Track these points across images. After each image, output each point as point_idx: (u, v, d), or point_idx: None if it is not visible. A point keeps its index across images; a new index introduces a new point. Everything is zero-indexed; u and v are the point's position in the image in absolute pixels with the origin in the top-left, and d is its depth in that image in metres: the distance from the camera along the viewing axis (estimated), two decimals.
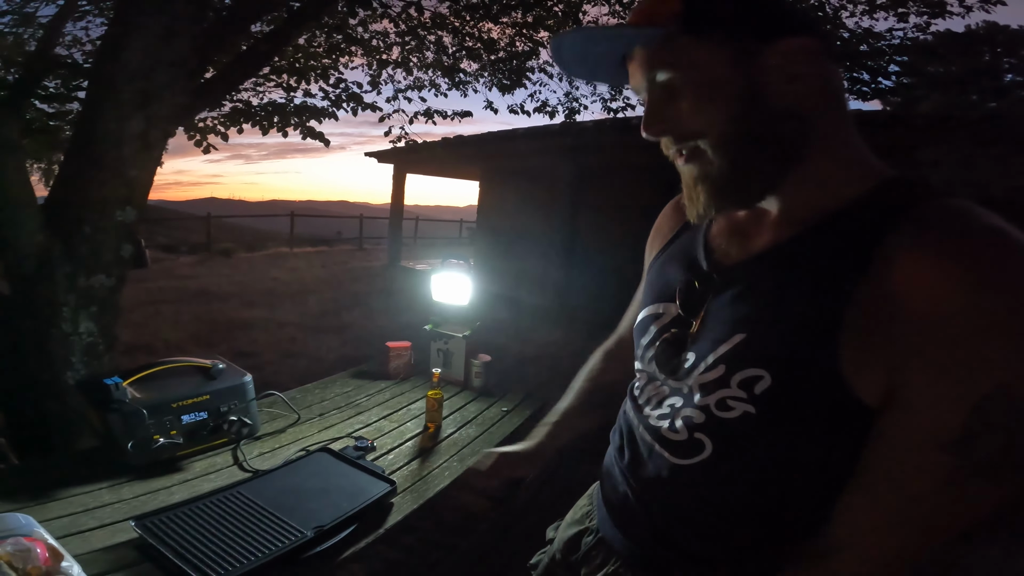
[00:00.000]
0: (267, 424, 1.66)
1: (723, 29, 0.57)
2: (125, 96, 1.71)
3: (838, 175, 0.59)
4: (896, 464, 0.53)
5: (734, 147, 0.59)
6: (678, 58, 0.58)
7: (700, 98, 0.58)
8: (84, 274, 1.80)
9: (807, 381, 0.55)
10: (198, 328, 5.60)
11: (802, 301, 0.57)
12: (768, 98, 0.57)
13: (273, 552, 1.03)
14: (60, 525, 1.08)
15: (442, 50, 4.78)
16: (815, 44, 0.56)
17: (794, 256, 0.60)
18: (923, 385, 0.50)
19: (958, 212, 0.51)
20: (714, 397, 0.61)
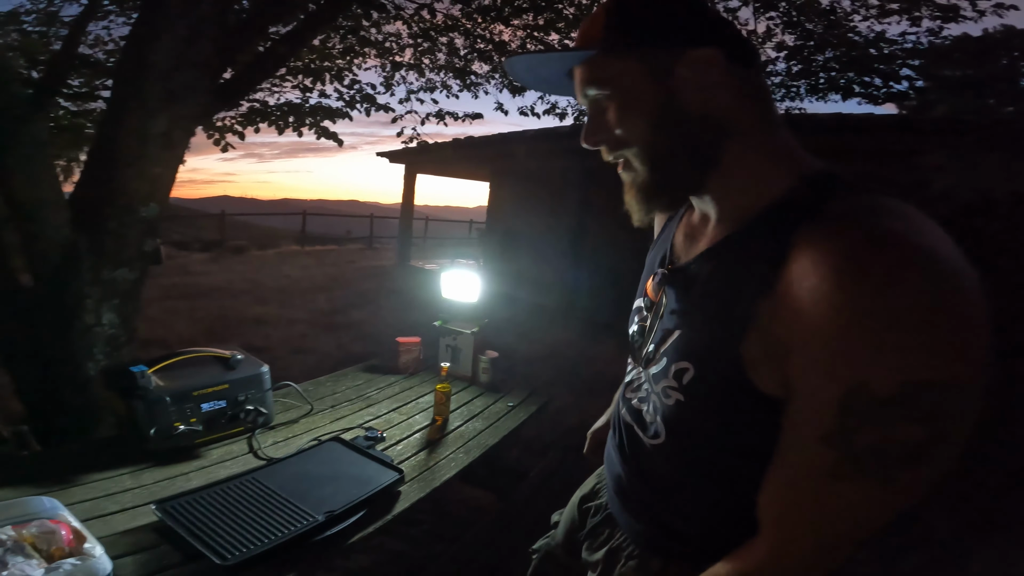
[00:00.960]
0: (281, 414, 1.71)
1: (637, 48, 0.62)
2: (150, 95, 1.77)
3: (763, 174, 0.62)
4: (790, 456, 0.56)
5: (654, 156, 0.64)
6: (604, 76, 0.64)
7: (624, 111, 0.64)
8: (108, 267, 1.87)
9: (718, 373, 0.60)
10: (211, 324, 5.69)
11: (724, 298, 0.61)
12: (682, 107, 0.62)
13: (286, 535, 1.07)
14: (83, 509, 1.12)
15: (454, 52, 4.83)
16: (719, 54, 0.60)
17: (722, 255, 0.64)
18: (802, 379, 0.53)
19: (857, 212, 0.53)
20: (660, 386, 0.68)
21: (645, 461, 0.75)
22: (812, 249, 0.52)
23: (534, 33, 4.62)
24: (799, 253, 0.53)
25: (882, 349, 0.48)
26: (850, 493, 0.52)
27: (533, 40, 4.72)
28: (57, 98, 3.72)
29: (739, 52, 0.62)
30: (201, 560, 1.00)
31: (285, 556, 1.06)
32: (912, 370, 0.47)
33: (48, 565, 0.90)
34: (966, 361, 0.47)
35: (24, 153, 1.72)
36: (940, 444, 0.49)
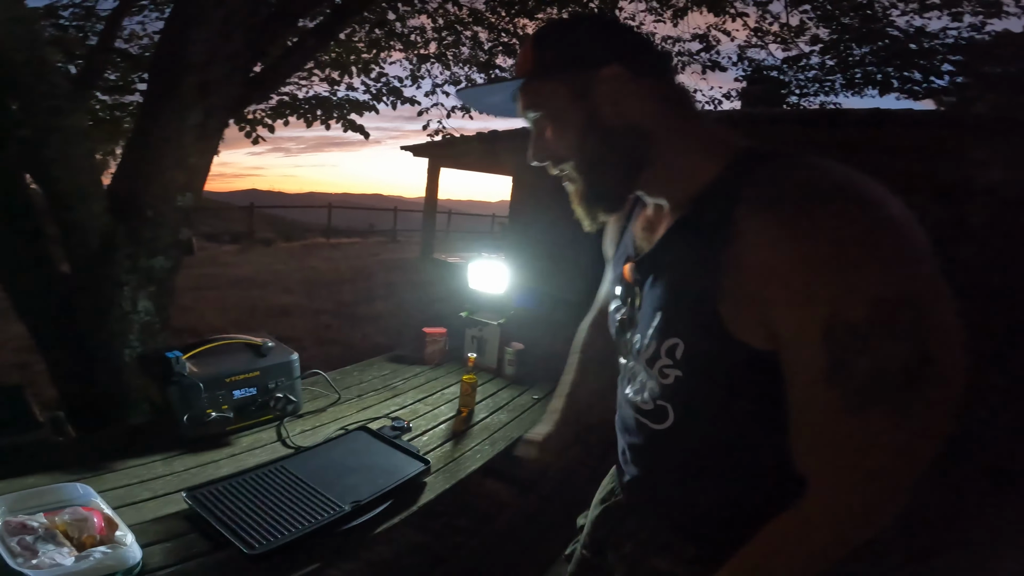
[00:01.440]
0: (309, 403, 1.73)
1: (559, 73, 0.71)
2: (185, 88, 1.80)
3: (696, 161, 0.69)
4: (803, 404, 0.59)
5: (586, 166, 0.73)
6: (536, 100, 0.74)
7: (556, 129, 0.73)
8: (144, 256, 1.91)
9: (707, 339, 0.64)
10: (240, 313, 5.82)
11: (691, 270, 0.66)
12: (604, 120, 0.70)
13: (313, 524, 1.08)
14: (115, 495, 1.14)
15: (478, 46, 4.82)
16: (623, 71, 0.68)
17: (679, 234, 0.70)
18: (783, 327, 0.57)
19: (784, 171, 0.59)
20: (655, 368, 0.71)
21: (660, 450, 0.77)
22: (756, 207, 0.58)
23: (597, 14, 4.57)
24: (745, 213, 0.59)
25: (842, 279, 0.52)
26: (870, 425, 0.54)
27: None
28: (94, 91, 3.82)
29: (646, 65, 0.70)
30: (229, 548, 1.01)
31: (311, 546, 1.06)
32: (874, 290, 0.52)
33: (79, 553, 0.91)
34: (917, 275, 0.53)
35: (63, 144, 1.77)
36: (930, 361, 0.52)
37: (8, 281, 2.02)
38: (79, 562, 0.88)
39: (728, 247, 0.60)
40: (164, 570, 0.96)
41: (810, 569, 0.61)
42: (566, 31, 0.74)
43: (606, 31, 0.73)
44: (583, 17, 0.78)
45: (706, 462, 0.72)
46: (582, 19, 0.77)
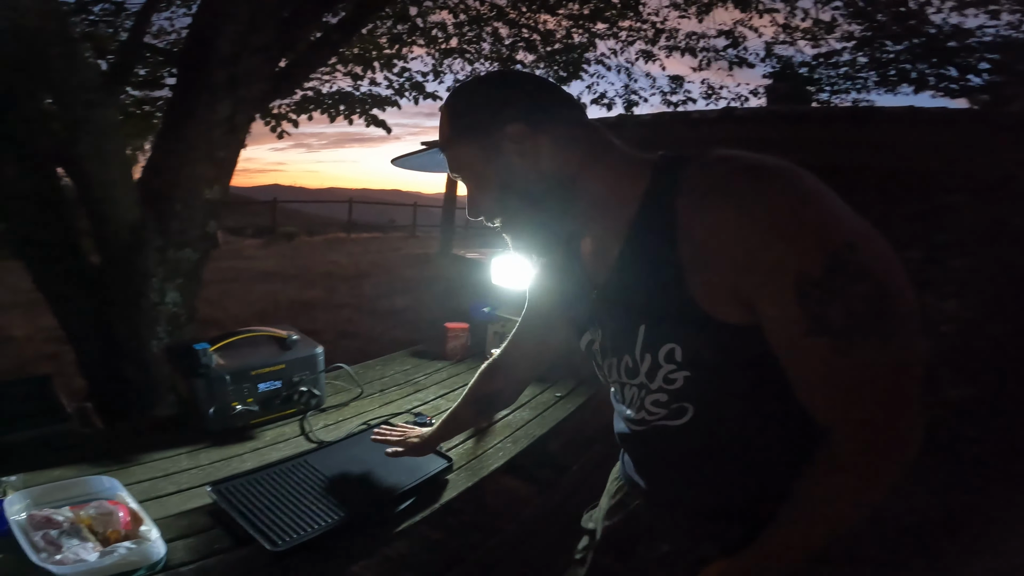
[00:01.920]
0: (331, 397, 1.72)
1: (470, 136, 0.75)
2: (215, 81, 1.82)
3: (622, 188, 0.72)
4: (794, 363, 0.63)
5: (511, 219, 0.78)
6: (456, 163, 0.79)
7: (478, 189, 0.78)
8: (173, 248, 1.94)
9: (696, 333, 0.67)
10: (263, 306, 5.90)
11: (658, 281, 0.69)
12: (517, 175, 0.74)
13: (335, 522, 1.07)
14: (141, 489, 1.14)
15: (499, 41, 4.80)
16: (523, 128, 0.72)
17: (633, 255, 0.73)
18: (757, 297, 0.62)
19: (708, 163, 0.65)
20: (659, 378, 0.73)
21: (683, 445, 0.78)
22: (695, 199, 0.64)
23: (580, 22, 4.53)
24: (685, 207, 0.64)
25: (800, 239, 0.58)
26: (865, 361, 0.59)
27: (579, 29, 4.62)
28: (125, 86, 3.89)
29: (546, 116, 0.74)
30: (251, 545, 1.01)
31: (333, 543, 1.06)
32: (823, 244, 0.57)
33: (103, 548, 0.90)
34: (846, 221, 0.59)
35: (96, 137, 1.80)
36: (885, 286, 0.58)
37: (39, 273, 2.06)
38: (103, 558, 0.87)
39: (681, 244, 0.64)
40: (187, 566, 0.95)
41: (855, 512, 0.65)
42: (471, 95, 0.79)
43: (505, 90, 0.77)
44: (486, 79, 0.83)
45: (731, 441, 0.74)
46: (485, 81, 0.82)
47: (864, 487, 0.63)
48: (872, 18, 5.26)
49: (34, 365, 3.97)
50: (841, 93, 6.45)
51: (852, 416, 0.62)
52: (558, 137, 0.74)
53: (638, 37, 5.38)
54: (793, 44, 5.80)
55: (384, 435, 1.32)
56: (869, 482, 0.63)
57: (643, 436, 0.82)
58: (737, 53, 6.02)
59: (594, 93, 5.08)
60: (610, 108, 5.14)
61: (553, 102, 0.76)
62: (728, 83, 20.80)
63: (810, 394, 0.64)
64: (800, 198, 0.59)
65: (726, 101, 6.68)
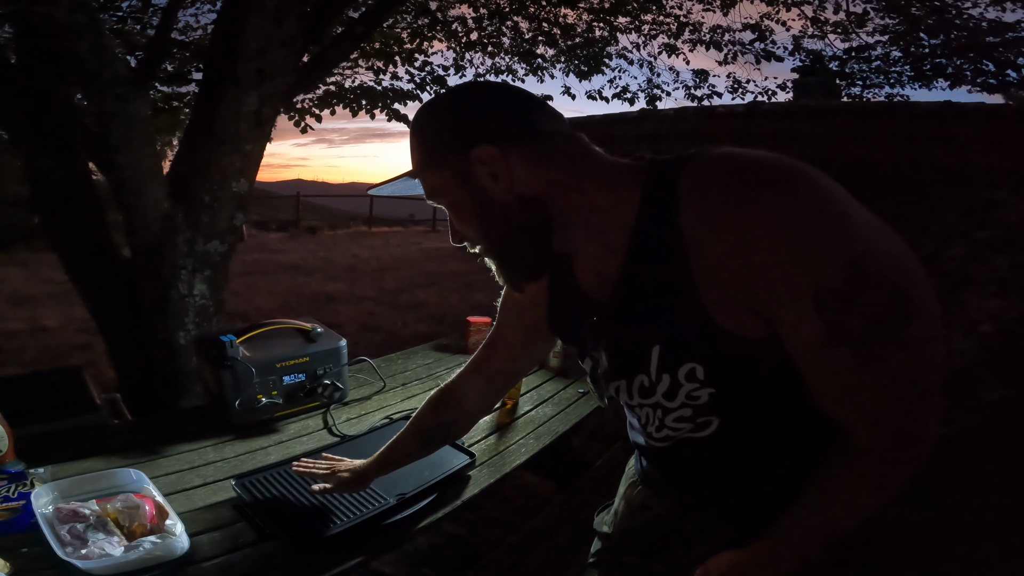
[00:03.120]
0: (354, 390, 1.73)
1: (439, 161, 0.70)
2: (242, 75, 1.83)
3: (612, 201, 0.67)
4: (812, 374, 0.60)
5: (494, 244, 0.73)
6: (431, 189, 0.74)
7: (456, 214, 0.74)
8: (201, 240, 1.96)
9: (718, 350, 0.64)
10: (287, 299, 5.98)
11: (669, 299, 0.65)
12: (493, 198, 0.68)
13: (358, 517, 1.07)
14: (168, 482, 1.15)
15: (519, 35, 4.76)
16: (491, 148, 0.66)
17: (638, 274, 0.68)
18: (774, 308, 0.58)
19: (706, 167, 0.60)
20: (681, 396, 0.69)
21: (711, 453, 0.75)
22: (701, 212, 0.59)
23: (601, 16, 4.47)
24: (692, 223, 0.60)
25: (817, 250, 0.54)
26: (884, 367, 0.56)
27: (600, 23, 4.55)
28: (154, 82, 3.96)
29: (515, 135, 0.68)
30: (274, 539, 1.01)
31: (355, 538, 1.05)
32: (841, 251, 0.54)
33: (128, 543, 0.91)
34: (862, 225, 0.56)
35: (127, 130, 1.82)
36: (904, 291, 0.55)
37: (72, 264, 2.10)
38: (128, 552, 0.88)
39: (690, 257, 0.61)
40: (211, 560, 0.96)
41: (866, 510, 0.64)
42: (433, 116, 0.72)
43: (469, 109, 0.70)
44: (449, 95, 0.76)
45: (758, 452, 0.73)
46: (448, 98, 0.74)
47: (879, 487, 0.63)
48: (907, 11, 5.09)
49: (67, 356, 4.09)
50: (874, 87, 6.27)
51: (870, 420, 0.60)
52: (531, 153, 0.68)
53: (661, 31, 5.29)
54: (823, 38, 5.64)
55: (307, 467, 1.14)
56: (884, 483, 0.63)
57: (668, 450, 0.79)
58: (764, 47, 5.88)
59: (616, 87, 5.00)
60: (632, 103, 5.06)
61: (524, 116, 0.70)
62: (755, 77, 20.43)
63: (829, 401, 0.62)
64: (814, 203, 0.55)
65: (752, 96, 6.54)
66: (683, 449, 0.77)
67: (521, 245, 0.72)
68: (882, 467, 0.62)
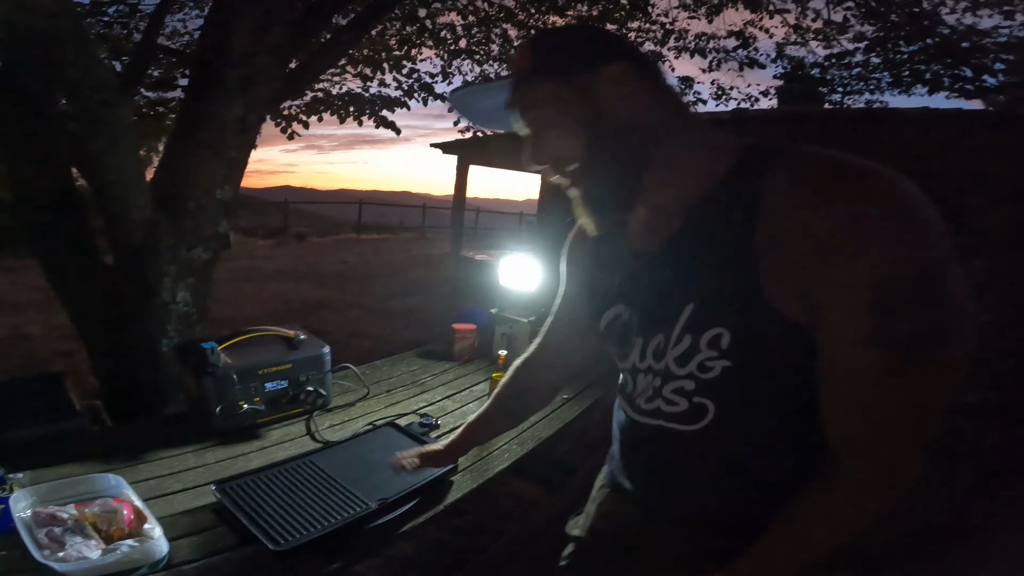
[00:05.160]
0: (338, 397, 1.72)
1: (561, 70, 0.70)
2: (228, 81, 1.83)
3: (703, 159, 0.69)
4: (841, 371, 0.60)
5: (592, 165, 0.71)
6: (535, 99, 0.72)
7: (558, 129, 0.71)
8: (185, 247, 1.95)
9: (754, 321, 0.63)
10: (275, 305, 5.95)
11: (720, 259, 0.65)
12: (607, 118, 0.69)
13: (339, 521, 1.07)
14: (147, 487, 1.14)
15: (508, 42, 4.80)
16: (629, 66, 0.68)
17: (699, 227, 0.69)
18: (828, 297, 0.58)
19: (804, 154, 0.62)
20: (694, 364, 0.68)
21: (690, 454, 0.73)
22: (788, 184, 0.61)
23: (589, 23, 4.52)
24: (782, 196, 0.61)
25: (893, 246, 0.55)
26: (909, 383, 0.56)
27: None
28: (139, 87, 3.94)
29: (647, 66, 0.71)
30: (255, 544, 1.01)
31: (337, 543, 1.05)
32: (918, 254, 0.55)
33: (106, 546, 0.91)
34: (944, 239, 0.56)
35: (111, 137, 1.81)
36: (956, 320, 0.55)
37: (54, 271, 2.08)
38: (105, 555, 0.88)
39: (762, 226, 0.61)
40: (191, 564, 0.95)
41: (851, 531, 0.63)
42: (564, 33, 0.76)
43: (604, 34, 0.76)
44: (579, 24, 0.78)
45: (743, 455, 0.71)
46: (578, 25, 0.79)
47: (870, 505, 0.62)
48: (885, 19, 5.19)
49: (49, 363, 4.03)
50: (854, 94, 6.37)
51: (874, 434, 0.60)
52: (653, 89, 0.70)
53: (647, 38, 5.36)
54: (805, 45, 5.75)
55: None
56: (876, 500, 0.62)
57: (647, 433, 0.78)
58: (748, 54, 5.97)
59: None
60: None
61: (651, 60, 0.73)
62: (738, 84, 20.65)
63: (838, 405, 0.61)
64: (904, 204, 0.56)
65: (736, 102, 6.63)
66: (663, 440, 0.75)
67: (620, 169, 0.71)
68: (873, 483, 0.61)
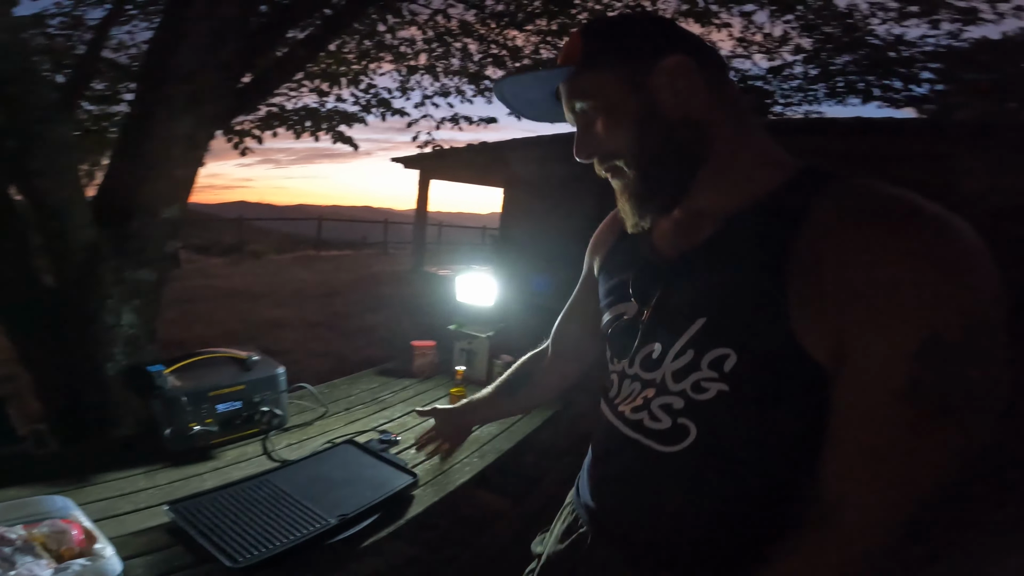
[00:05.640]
0: (295, 416, 1.70)
1: (614, 61, 0.67)
2: (175, 98, 1.79)
3: (754, 168, 0.66)
4: (861, 420, 0.55)
5: (642, 161, 0.68)
6: (587, 90, 0.69)
7: (608, 122, 0.68)
8: (130, 268, 1.88)
9: (768, 350, 0.59)
10: (231, 326, 5.77)
11: (749, 278, 0.61)
12: (662, 113, 0.65)
13: (298, 538, 1.06)
14: (97, 508, 1.12)
15: (468, 57, 4.85)
16: (688, 60, 0.64)
17: (733, 241, 0.65)
18: (866, 340, 0.54)
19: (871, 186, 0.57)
20: (688, 381, 0.65)
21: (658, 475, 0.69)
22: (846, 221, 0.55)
23: (547, 38, 4.62)
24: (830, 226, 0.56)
25: (949, 296, 0.50)
26: (932, 444, 0.53)
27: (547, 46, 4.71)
28: (82, 102, 3.79)
29: (708, 60, 0.67)
30: (212, 562, 0.99)
31: (297, 559, 1.05)
32: (973, 310, 0.51)
33: (57, 565, 0.89)
34: (995, 298, 0.52)
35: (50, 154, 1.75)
36: (995, 382, 0.52)
37: None
38: (57, 574, 0.87)
39: (801, 252, 0.57)
40: None
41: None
42: (622, 22, 0.71)
43: (664, 23, 0.71)
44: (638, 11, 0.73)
45: (715, 486, 0.66)
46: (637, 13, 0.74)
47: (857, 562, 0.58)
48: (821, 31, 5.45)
49: None
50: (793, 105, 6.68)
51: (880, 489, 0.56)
52: (713, 86, 0.66)
53: None
54: (749, 58, 6.01)
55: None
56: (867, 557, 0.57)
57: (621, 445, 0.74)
58: None
59: None
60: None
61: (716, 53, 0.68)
62: None
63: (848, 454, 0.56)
64: (958, 255, 0.51)
65: None
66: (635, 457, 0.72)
67: (670, 168, 0.67)
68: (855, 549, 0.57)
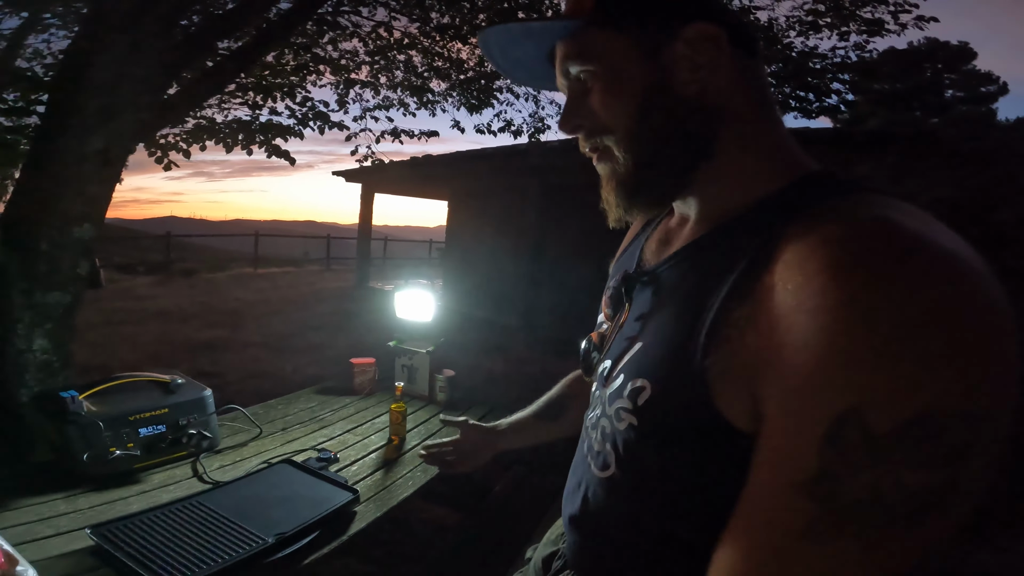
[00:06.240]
0: (228, 438, 1.65)
1: (631, 20, 0.55)
2: (88, 111, 1.71)
3: (757, 170, 0.55)
4: (756, 510, 0.42)
5: (639, 142, 0.56)
6: (589, 51, 0.56)
7: (608, 91, 0.56)
8: (40, 291, 1.77)
9: (677, 393, 0.50)
10: (158, 348, 5.45)
11: (692, 304, 0.51)
12: (674, 89, 0.54)
13: (234, 557, 1.03)
14: (15, 533, 1.07)
15: (411, 70, 4.85)
16: (719, 31, 0.53)
17: (696, 256, 0.56)
18: (777, 407, 0.42)
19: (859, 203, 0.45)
20: (613, 408, 0.58)
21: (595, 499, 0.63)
22: (802, 241, 0.43)
23: None
24: (786, 248, 0.44)
25: (890, 368, 0.36)
26: (823, 560, 0.38)
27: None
28: None
29: (742, 38, 0.55)
30: None
31: None
32: (933, 398, 0.35)
33: None
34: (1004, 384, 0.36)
35: None
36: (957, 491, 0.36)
37: None
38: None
39: (754, 281, 0.46)
40: None
41: None
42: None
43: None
44: None
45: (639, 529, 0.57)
46: None
47: None
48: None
49: None
50: None
51: None
52: (744, 69, 0.55)
53: None
54: None
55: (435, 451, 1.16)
56: None
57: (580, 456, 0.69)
58: None
59: (503, 121, 5.22)
60: (517, 136, 5.30)
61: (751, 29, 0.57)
62: None
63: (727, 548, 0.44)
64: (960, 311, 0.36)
65: None
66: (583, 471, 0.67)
67: (669, 154, 0.56)
68: None
